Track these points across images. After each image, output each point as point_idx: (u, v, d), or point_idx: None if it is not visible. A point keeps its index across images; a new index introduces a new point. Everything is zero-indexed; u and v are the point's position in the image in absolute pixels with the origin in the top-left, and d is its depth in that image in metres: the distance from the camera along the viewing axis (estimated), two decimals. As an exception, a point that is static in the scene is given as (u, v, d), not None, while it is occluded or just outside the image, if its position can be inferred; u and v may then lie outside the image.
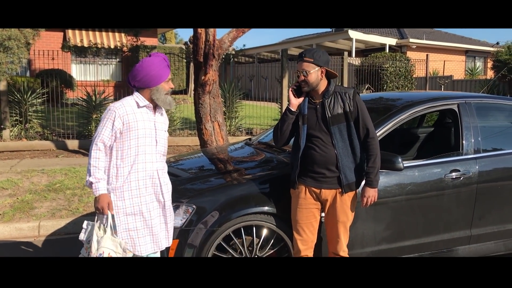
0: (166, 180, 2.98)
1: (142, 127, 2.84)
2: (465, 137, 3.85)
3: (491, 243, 3.94)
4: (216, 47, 6.41)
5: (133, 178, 2.83)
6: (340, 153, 3.04)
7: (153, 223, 2.87)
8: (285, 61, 11.08)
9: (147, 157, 2.86)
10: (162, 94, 2.86)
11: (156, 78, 2.84)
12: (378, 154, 3.12)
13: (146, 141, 2.85)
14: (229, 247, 3.22)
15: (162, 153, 2.96)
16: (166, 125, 3.03)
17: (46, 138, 9.29)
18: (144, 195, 2.85)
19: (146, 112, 2.89)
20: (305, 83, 3.07)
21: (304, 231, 3.14)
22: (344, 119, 3.07)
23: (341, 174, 3.05)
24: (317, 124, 3.08)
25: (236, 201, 3.25)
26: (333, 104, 3.08)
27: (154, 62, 2.85)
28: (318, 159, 3.06)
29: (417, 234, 3.65)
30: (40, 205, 5.46)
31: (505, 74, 13.39)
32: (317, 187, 3.09)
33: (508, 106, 4.31)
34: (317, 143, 3.06)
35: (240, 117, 11.28)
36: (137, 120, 2.83)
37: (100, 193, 2.77)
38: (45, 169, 6.73)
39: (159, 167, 2.92)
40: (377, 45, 22.02)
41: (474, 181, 3.74)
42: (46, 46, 15.13)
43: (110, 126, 2.80)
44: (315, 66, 3.05)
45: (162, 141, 2.95)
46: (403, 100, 4.02)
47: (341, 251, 3.18)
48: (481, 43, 25.61)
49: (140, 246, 2.85)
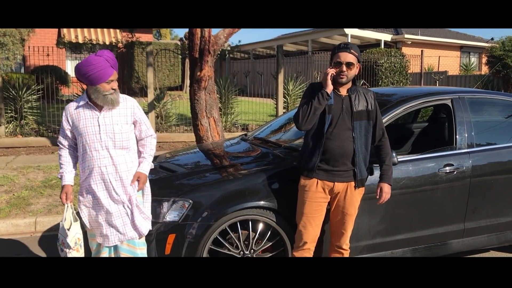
0: (117, 176, 2.92)
1: (83, 125, 2.89)
2: (459, 131, 3.89)
3: (484, 236, 3.99)
4: (212, 43, 6.42)
5: (87, 175, 2.92)
6: (358, 148, 3.08)
7: (107, 218, 2.91)
8: (280, 57, 11.09)
9: (94, 154, 2.89)
10: (101, 94, 2.84)
11: (95, 79, 2.81)
12: (391, 153, 3.26)
13: (89, 138, 2.88)
14: (226, 241, 3.25)
15: (113, 147, 2.91)
16: (124, 117, 2.96)
17: (42, 134, 9.27)
18: (98, 191, 2.90)
19: (89, 109, 2.90)
20: (344, 75, 3.04)
21: (311, 224, 3.14)
22: (366, 116, 3.12)
23: (356, 169, 3.09)
24: (340, 116, 3.08)
25: (232, 196, 3.28)
26: (358, 100, 3.11)
27: (93, 62, 2.80)
28: (337, 152, 3.06)
29: (412, 227, 3.69)
30: (37, 201, 5.47)
31: (499, 70, 13.46)
32: (330, 181, 3.10)
33: (501, 101, 4.35)
34: (336, 136, 3.06)
35: (236, 113, 11.30)
36: (79, 119, 2.90)
37: (62, 185, 3.02)
38: (41, 165, 6.73)
39: (108, 162, 2.89)
40: (372, 41, 22.06)
41: (468, 175, 3.78)
42: (40, 42, 15.06)
43: (62, 126, 2.98)
44: (357, 61, 3.07)
45: (111, 135, 2.89)
46: (398, 95, 4.05)
47: (344, 244, 3.22)
48: (476, 39, 25.69)
49: (103, 238, 2.93)
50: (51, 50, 10.29)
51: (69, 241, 2.88)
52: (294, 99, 11.76)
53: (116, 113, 2.95)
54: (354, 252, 3.46)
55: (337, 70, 3.04)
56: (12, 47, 7.68)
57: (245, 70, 21.38)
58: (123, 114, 2.97)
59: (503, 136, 4.16)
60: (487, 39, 23.92)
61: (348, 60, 3.02)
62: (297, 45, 25.94)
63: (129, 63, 18.39)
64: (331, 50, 3.16)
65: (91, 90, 2.86)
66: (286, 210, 3.28)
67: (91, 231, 3.01)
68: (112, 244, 2.94)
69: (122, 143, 2.94)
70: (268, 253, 3.35)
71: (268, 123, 5.12)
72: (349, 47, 3.05)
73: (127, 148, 2.98)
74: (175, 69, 21.12)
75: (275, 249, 3.37)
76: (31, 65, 16.12)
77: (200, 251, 3.18)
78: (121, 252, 2.95)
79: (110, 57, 2.88)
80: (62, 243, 2.93)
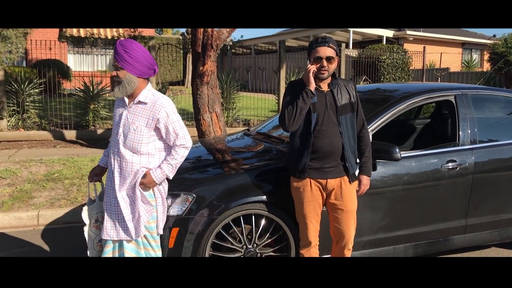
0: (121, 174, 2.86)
1: (114, 114, 2.98)
2: (462, 128, 3.89)
3: (486, 232, 4.00)
4: (215, 38, 6.41)
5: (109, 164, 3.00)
6: (346, 142, 3.03)
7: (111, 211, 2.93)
8: (282, 52, 11.08)
9: (112, 144, 2.94)
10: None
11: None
12: (370, 144, 3.22)
13: (114, 128, 2.95)
14: (229, 236, 3.27)
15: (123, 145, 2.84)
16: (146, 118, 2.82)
17: (44, 128, 9.29)
18: (108, 179, 2.97)
19: (123, 100, 2.91)
20: (326, 70, 2.98)
21: (312, 222, 3.11)
22: (350, 109, 3.07)
23: (347, 163, 3.04)
24: (326, 113, 3.02)
25: (235, 190, 3.28)
26: (341, 94, 3.06)
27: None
28: (326, 149, 3.00)
29: (414, 223, 3.70)
30: (39, 194, 5.49)
31: (501, 67, 13.44)
32: (323, 178, 3.05)
33: (504, 97, 4.35)
34: (324, 133, 3.00)
35: (238, 108, 11.30)
36: (117, 107, 2.97)
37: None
38: (43, 159, 6.74)
39: (117, 157, 2.88)
40: (374, 37, 22.03)
41: (470, 172, 3.78)
42: (43, 36, 15.05)
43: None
44: (335, 55, 3.00)
45: (126, 132, 2.83)
46: (400, 92, 4.06)
47: (349, 243, 3.16)
48: (478, 35, 25.63)
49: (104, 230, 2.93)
50: (53, 44, 10.30)
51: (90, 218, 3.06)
52: (296, 94, 11.74)
53: (139, 112, 2.83)
54: (357, 247, 3.46)
55: (317, 66, 2.98)
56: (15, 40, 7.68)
57: (246, 66, 21.38)
58: (145, 116, 2.82)
59: (505, 133, 4.17)
60: (489, 36, 23.89)
61: (328, 55, 2.95)
62: (298, 41, 25.91)
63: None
64: (309, 45, 3.08)
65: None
66: (289, 204, 3.29)
67: None
68: (108, 238, 2.90)
69: (133, 144, 2.82)
70: (271, 248, 3.37)
71: (271, 118, 5.13)
72: (327, 40, 2.98)
73: (138, 152, 2.84)
74: (177, 63, 21.12)
75: (278, 243, 3.38)
76: (33, 59, 16.12)
77: (203, 245, 3.19)
78: (126, 250, 2.91)
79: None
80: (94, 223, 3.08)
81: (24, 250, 4.30)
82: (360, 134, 3.18)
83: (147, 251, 2.95)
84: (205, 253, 3.21)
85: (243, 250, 3.29)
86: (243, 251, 3.29)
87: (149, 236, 2.93)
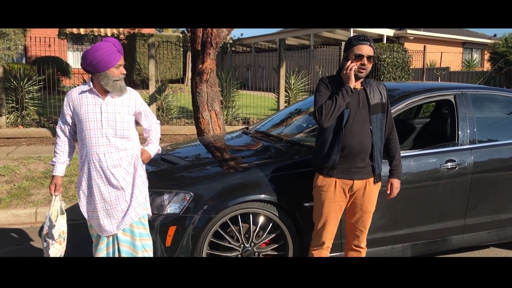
0: (117, 162, 2.90)
1: (85, 111, 2.87)
2: (461, 127, 3.88)
3: (485, 232, 3.99)
4: (214, 36, 6.39)
5: (84, 162, 2.91)
6: (375, 142, 3.00)
7: (107, 206, 2.90)
8: (282, 51, 11.07)
9: (93, 141, 2.87)
10: (110, 80, 2.85)
11: (103, 63, 2.82)
12: (399, 148, 3.22)
13: (90, 125, 2.87)
14: (226, 234, 3.26)
15: (113, 135, 2.89)
16: (127, 107, 2.96)
17: (43, 125, 9.28)
18: (93, 178, 2.89)
19: (92, 96, 2.89)
20: (365, 68, 2.94)
21: (330, 224, 3.07)
22: (381, 109, 3.04)
23: (374, 164, 3.01)
24: (358, 110, 2.97)
25: (233, 189, 3.27)
26: (373, 93, 3.03)
27: (101, 47, 2.82)
28: (355, 148, 2.95)
29: (412, 223, 3.69)
30: (37, 191, 5.47)
31: (501, 66, 13.42)
32: (350, 179, 3.01)
33: (504, 97, 4.34)
34: (354, 131, 2.95)
35: (237, 106, 11.28)
36: (81, 105, 2.88)
37: (52, 175, 3.02)
38: (42, 156, 6.73)
39: (107, 150, 2.88)
40: (375, 36, 21.99)
41: (469, 172, 3.77)
42: (42, 33, 14.99)
43: (63, 112, 2.97)
44: (373, 54, 2.99)
45: (112, 123, 2.88)
46: (400, 91, 4.04)
47: (362, 242, 3.16)
48: (478, 35, 25.61)
49: (99, 228, 2.91)
50: (52, 41, 10.28)
51: (54, 232, 2.90)
52: (296, 93, 11.74)
53: (119, 102, 2.94)
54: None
55: (359, 64, 2.94)
56: (14, 37, 7.66)
57: (246, 64, 21.35)
58: (126, 104, 2.97)
59: (505, 133, 4.15)
60: (490, 35, 23.88)
61: (369, 53, 2.92)
62: (299, 39, 25.88)
63: (131, 55, 18.36)
64: (347, 42, 3.03)
65: (100, 77, 2.85)
66: (287, 203, 3.28)
67: (89, 221, 3.00)
68: (110, 233, 2.92)
69: (123, 132, 2.93)
70: (269, 247, 3.36)
71: (270, 116, 5.12)
72: (369, 39, 2.95)
73: (127, 138, 2.96)
74: (177, 61, 21.09)
75: (276, 242, 3.37)
76: (33, 56, 16.10)
77: (201, 244, 3.18)
78: (121, 243, 2.93)
79: (116, 42, 2.89)
80: (46, 234, 2.93)
81: (22, 247, 4.29)
82: (390, 137, 3.17)
83: (143, 241, 2.98)
84: (202, 251, 3.20)
85: (241, 249, 3.28)
86: (240, 250, 3.28)
87: (140, 224, 2.98)
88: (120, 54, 2.88)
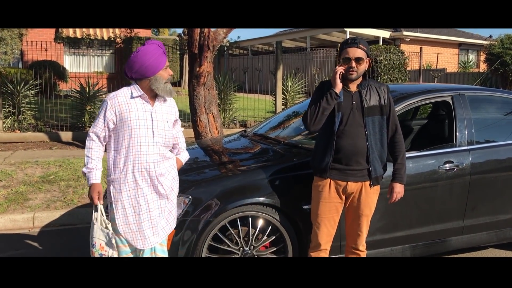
0: (164, 171, 2.84)
1: (135, 118, 2.74)
2: (459, 129, 3.89)
3: (484, 233, 3.99)
4: (211, 39, 6.40)
5: (129, 170, 2.75)
6: (372, 145, 2.99)
7: (152, 215, 2.79)
8: (279, 53, 11.08)
9: (142, 149, 2.75)
10: (161, 83, 2.77)
11: (152, 67, 2.74)
12: (405, 151, 3.16)
13: (140, 132, 2.75)
14: (225, 238, 3.25)
15: (162, 144, 2.83)
16: (170, 115, 2.91)
17: (40, 129, 9.24)
18: (141, 187, 2.76)
19: (141, 102, 2.79)
20: (354, 71, 2.96)
21: (326, 225, 3.08)
22: (378, 112, 3.03)
23: (370, 167, 3.00)
24: (351, 113, 2.98)
25: (232, 192, 3.27)
26: (369, 95, 3.02)
27: (149, 50, 2.75)
28: (349, 150, 2.97)
29: (411, 224, 3.69)
30: (35, 196, 5.45)
31: (497, 67, 13.47)
32: (343, 180, 3.02)
33: (501, 98, 4.35)
34: (348, 133, 2.97)
35: (234, 109, 11.28)
36: (130, 111, 2.74)
37: (91, 183, 2.76)
38: (39, 160, 6.71)
39: (156, 159, 2.79)
40: (371, 38, 22.03)
41: (468, 173, 3.78)
42: (38, 37, 15.01)
43: (102, 117, 2.77)
44: (366, 56, 2.98)
45: (162, 132, 2.81)
46: (398, 92, 4.04)
47: (360, 245, 3.15)
48: (474, 36, 25.70)
49: (142, 240, 2.76)
50: (49, 45, 10.26)
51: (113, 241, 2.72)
52: (293, 95, 11.74)
53: (164, 109, 2.88)
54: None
55: (346, 67, 2.96)
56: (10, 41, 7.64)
57: (243, 66, 21.36)
58: (169, 112, 2.91)
59: (503, 134, 4.16)
60: (486, 36, 23.97)
61: (357, 56, 2.94)
62: (295, 42, 25.91)
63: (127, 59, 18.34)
64: (339, 46, 3.07)
65: (150, 82, 2.77)
66: (286, 206, 3.28)
67: (122, 236, 2.79)
68: (150, 246, 2.79)
69: (170, 140, 2.91)
70: (268, 250, 3.35)
71: (268, 119, 5.11)
72: (357, 41, 2.96)
73: (171, 146, 2.96)
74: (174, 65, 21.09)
75: (275, 245, 3.36)
76: (29, 60, 16.07)
77: (200, 248, 3.17)
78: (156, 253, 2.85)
79: (160, 44, 2.83)
80: (101, 247, 2.68)
81: (20, 252, 4.27)
82: (393, 140, 3.14)
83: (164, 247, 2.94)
84: (201, 255, 3.19)
85: (240, 252, 3.27)
86: (240, 253, 3.27)
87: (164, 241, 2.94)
88: (165, 55, 2.82)
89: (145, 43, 2.81)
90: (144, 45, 2.81)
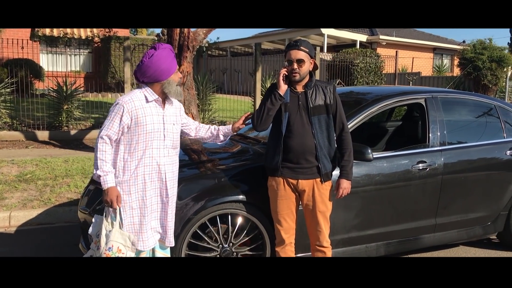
0: (171, 175, 2.92)
1: (150, 122, 2.79)
2: (432, 130, 4.01)
3: (455, 231, 4.13)
4: (191, 39, 6.44)
5: (140, 173, 2.80)
6: (319, 143, 3.09)
7: (154, 217, 2.89)
8: (258, 55, 11.15)
9: (154, 152, 2.82)
10: (173, 86, 2.83)
11: (166, 71, 2.79)
12: (351, 148, 3.23)
13: (154, 135, 2.81)
14: (205, 235, 3.29)
15: (170, 146, 2.90)
16: (176, 116, 2.97)
17: (15, 128, 9.11)
18: (148, 189, 2.83)
19: (155, 106, 2.84)
20: (297, 72, 3.05)
21: (286, 220, 3.18)
22: (324, 111, 3.12)
23: (320, 164, 3.09)
24: (298, 113, 3.10)
25: (211, 190, 3.32)
26: (315, 95, 3.12)
27: (163, 55, 2.79)
28: (297, 149, 3.07)
29: (386, 222, 3.80)
30: (11, 195, 5.39)
31: (470, 71, 13.81)
32: (294, 178, 3.12)
33: (473, 101, 4.50)
34: (296, 133, 3.07)
35: (214, 109, 11.30)
36: (146, 115, 2.79)
37: (108, 186, 2.73)
38: (15, 159, 6.62)
39: (166, 161, 2.87)
40: (348, 41, 22.35)
41: (440, 172, 3.91)
42: (14, 35, 14.71)
43: (118, 121, 2.75)
44: (309, 57, 3.08)
45: (170, 135, 2.89)
46: (373, 94, 4.15)
47: (324, 241, 3.21)
48: (448, 41, 26.26)
49: (143, 242, 2.83)
50: (25, 43, 10.11)
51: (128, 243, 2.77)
52: (271, 97, 11.80)
53: (172, 112, 2.94)
54: (330, 246, 3.54)
55: (289, 69, 3.07)
56: (-14, 39, 7.51)
57: (222, 67, 21.38)
58: (176, 114, 2.99)
59: (473, 135, 4.31)
60: (459, 41, 24.51)
61: (298, 57, 3.03)
62: (274, 44, 26.07)
63: (105, 58, 18.17)
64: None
65: (163, 85, 2.81)
66: (264, 204, 3.34)
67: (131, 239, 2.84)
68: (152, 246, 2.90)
69: (177, 143, 2.97)
70: (247, 247, 3.41)
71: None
72: (298, 44, 3.06)
73: (177, 148, 3.00)
74: (152, 65, 20.90)
75: (254, 242, 3.43)
76: (4, 58, 15.76)
77: (180, 245, 3.21)
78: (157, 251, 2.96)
79: (171, 47, 2.88)
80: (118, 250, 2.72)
81: (-4, 251, 4.23)
82: (341, 137, 3.22)
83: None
84: (181, 252, 3.23)
85: (219, 249, 3.33)
86: (219, 250, 3.33)
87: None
88: (176, 58, 2.89)
89: (157, 47, 2.83)
90: (156, 49, 2.82)
